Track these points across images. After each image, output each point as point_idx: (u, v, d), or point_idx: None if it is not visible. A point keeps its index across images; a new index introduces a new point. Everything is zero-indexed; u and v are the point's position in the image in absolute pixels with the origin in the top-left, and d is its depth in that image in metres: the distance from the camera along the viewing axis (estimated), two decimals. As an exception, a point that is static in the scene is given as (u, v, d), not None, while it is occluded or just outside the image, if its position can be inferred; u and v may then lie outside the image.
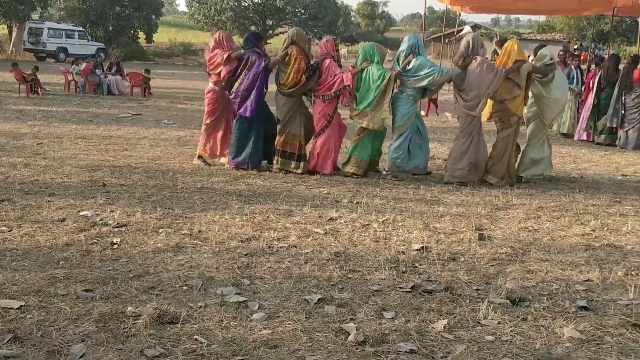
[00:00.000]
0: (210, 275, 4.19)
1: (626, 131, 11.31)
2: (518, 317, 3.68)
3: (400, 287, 4.10)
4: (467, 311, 3.74)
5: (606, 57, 14.46)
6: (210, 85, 7.99)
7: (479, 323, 3.58)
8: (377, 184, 7.36)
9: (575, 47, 32.13)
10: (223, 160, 8.14)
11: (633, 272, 4.51)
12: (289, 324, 3.49)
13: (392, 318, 3.62)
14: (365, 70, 7.63)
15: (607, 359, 3.20)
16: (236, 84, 7.69)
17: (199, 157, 8.21)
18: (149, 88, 18.02)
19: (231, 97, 7.79)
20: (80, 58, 20.60)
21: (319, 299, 3.83)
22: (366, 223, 5.65)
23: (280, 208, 6.01)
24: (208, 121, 8.06)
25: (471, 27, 30.04)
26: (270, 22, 58.32)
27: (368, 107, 7.59)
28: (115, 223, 5.31)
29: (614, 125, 11.48)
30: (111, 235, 5.01)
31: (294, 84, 7.62)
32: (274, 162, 7.85)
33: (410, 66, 7.52)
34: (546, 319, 3.65)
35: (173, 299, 3.78)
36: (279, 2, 53.91)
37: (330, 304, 3.79)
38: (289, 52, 7.68)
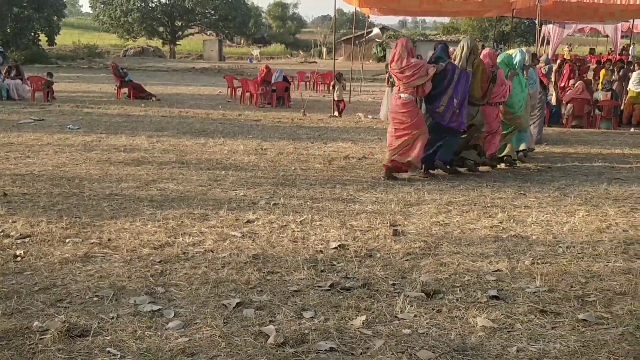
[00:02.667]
0: (122, 285, 4.03)
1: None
2: (433, 309, 3.77)
3: (319, 286, 4.11)
4: (385, 306, 3.79)
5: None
6: (406, 96, 7.57)
7: (396, 317, 3.64)
8: (294, 184, 7.35)
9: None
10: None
11: (539, 261, 4.73)
12: (207, 330, 3.41)
13: (312, 317, 3.62)
14: (515, 78, 8.73)
15: (518, 345, 3.33)
16: (445, 98, 7.68)
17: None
18: (52, 92, 17.18)
19: (437, 110, 7.74)
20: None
21: (237, 303, 3.77)
22: (284, 224, 5.63)
23: (195, 212, 5.88)
24: (416, 131, 7.62)
25: (380, 29, 30.75)
26: (180, 23, 57.23)
27: (520, 111, 8.92)
28: (18, 234, 5.03)
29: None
30: (14, 247, 4.74)
31: (484, 93, 8.13)
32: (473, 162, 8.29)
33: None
34: (460, 310, 3.76)
35: (83, 311, 3.61)
36: (187, 3, 53.03)
37: (249, 307, 3.74)
38: (475, 63, 7.95)
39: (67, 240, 4.92)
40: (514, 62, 8.82)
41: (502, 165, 8.87)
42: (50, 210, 5.86)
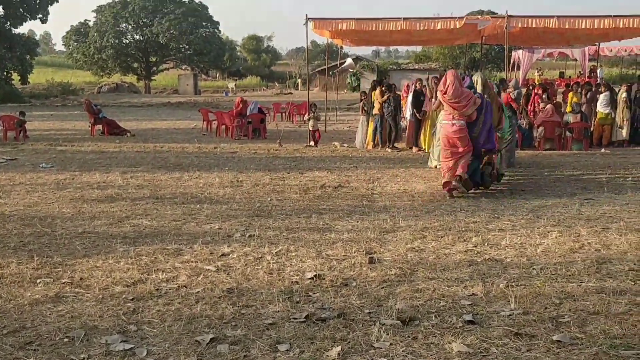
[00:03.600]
0: (94, 325, 3.96)
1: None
2: (409, 336, 3.75)
3: (295, 318, 4.07)
4: (360, 335, 3.77)
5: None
6: (461, 123, 8.36)
7: (372, 346, 3.62)
8: (270, 215, 7.33)
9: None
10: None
11: (513, 284, 4.75)
12: (180, 367, 3.35)
13: (287, 350, 3.58)
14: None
15: (494, 369, 3.32)
16: (479, 124, 8.50)
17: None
18: (25, 131, 17.05)
19: (474, 135, 8.51)
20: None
21: (211, 339, 3.72)
22: (259, 256, 5.59)
23: (168, 248, 5.82)
24: (466, 154, 8.41)
25: (353, 59, 31.15)
26: (154, 59, 57.43)
27: (505, 134, 10.17)
28: (-13, 277, 4.92)
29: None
30: (-18, 290, 4.62)
31: (498, 121, 9.05)
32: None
33: None
34: (435, 336, 3.75)
35: (53, 353, 3.54)
36: (162, 38, 53.27)
37: (223, 342, 3.69)
38: (491, 95, 8.96)
39: (38, 281, 4.84)
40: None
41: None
42: (21, 250, 5.76)
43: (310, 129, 15.24)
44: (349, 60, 26.93)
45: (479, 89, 8.84)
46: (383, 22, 14.61)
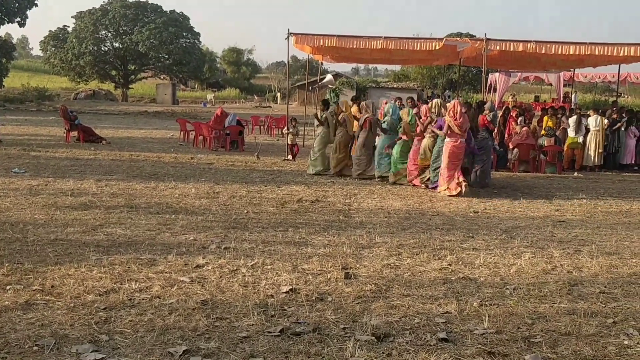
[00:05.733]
0: (65, 333, 3.89)
1: (476, 171, 12.16)
2: (383, 353, 3.76)
3: (269, 332, 4.05)
4: (335, 351, 3.76)
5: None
6: (464, 140, 10.50)
7: (347, 362, 3.61)
8: (246, 228, 7.30)
9: (429, 95, 34.54)
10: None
11: (487, 303, 4.79)
12: (152, 379, 3.31)
13: (261, 364, 3.55)
14: None
15: (467, 387, 3.34)
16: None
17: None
18: (-2, 135, 16.78)
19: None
20: None
21: (184, 351, 3.68)
22: (235, 268, 5.56)
23: (142, 257, 5.76)
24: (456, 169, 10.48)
25: (332, 75, 31.30)
26: (133, 67, 57.05)
27: None
28: (-46, 282, 4.81)
29: (466, 166, 12.30)
30: (-51, 295, 4.52)
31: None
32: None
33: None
34: (410, 353, 3.76)
35: (21, 362, 3.46)
36: (141, 47, 52.96)
37: (196, 355, 3.66)
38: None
39: (8, 288, 4.74)
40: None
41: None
42: (-9, 256, 5.65)
43: (289, 142, 15.26)
44: (328, 76, 27.00)
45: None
46: (363, 40, 14.76)
